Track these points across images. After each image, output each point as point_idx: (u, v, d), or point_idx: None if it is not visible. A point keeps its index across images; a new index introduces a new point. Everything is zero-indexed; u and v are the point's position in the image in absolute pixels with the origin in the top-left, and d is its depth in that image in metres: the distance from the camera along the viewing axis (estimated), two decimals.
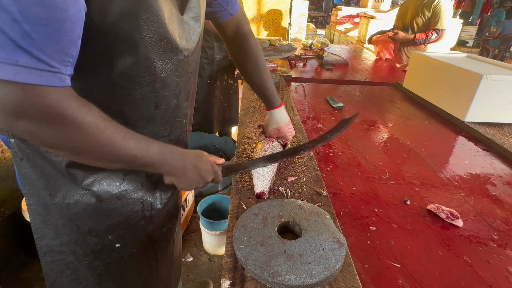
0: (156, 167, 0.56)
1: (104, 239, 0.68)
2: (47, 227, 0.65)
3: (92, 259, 0.69)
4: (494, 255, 0.69)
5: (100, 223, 0.66)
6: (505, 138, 1.25)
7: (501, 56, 6.63)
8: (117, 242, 0.70)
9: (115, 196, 0.65)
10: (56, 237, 0.66)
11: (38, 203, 0.63)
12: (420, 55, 1.72)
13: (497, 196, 0.91)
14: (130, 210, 0.68)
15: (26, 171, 0.60)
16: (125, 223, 0.69)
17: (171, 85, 0.62)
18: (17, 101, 0.39)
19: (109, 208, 0.65)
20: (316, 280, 0.52)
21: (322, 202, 0.75)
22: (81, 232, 0.66)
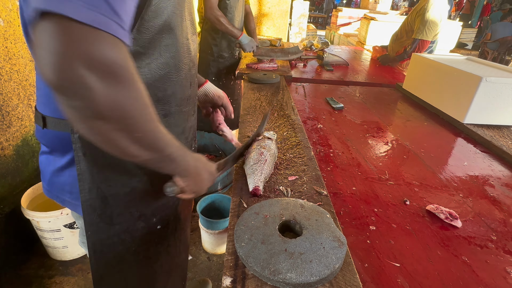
0: (178, 162, 0.55)
1: (150, 222, 0.73)
2: (102, 221, 0.66)
3: (138, 244, 0.74)
4: (493, 255, 0.70)
5: (149, 207, 0.71)
6: (504, 140, 1.26)
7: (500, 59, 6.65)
8: (159, 223, 0.76)
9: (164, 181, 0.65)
10: (108, 230, 0.68)
11: (96, 197, 0.63)
12: (420, 57, 1.73)
13: (495, 197, 0.92)
14: None
15: (86, 166, 0.60)
16: (166, 204, 0.76)
17: (195, 64, 0.72)
18: (94, 47, 0.36)
19: (158, 192, 0.67)
20: (316, 278, 0.52)
21: (322, 202, 0.75)
22: (132, 218, 0.70)
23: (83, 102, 0.38)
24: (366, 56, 2.94)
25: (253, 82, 1.71)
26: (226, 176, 2.21)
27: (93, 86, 0.37)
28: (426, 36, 2.31)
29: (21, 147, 1.74)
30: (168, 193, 0.61)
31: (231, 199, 0.75)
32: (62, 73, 0.35)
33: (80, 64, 0.36)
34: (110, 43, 0.38)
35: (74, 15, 0.35)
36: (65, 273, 1.62)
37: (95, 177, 0.62)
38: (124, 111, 0.41)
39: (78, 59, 0.35)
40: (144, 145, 0.47)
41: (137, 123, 0.44)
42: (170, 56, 0.60)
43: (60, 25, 0.35)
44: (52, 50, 0.35)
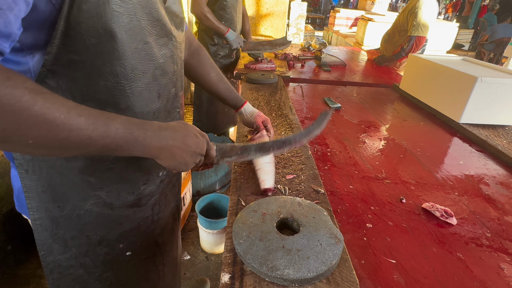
0: (126, 150, 0.46)
1: (115, 248, 0.66)
2: (55, 242, 0.61)
3: (102, 270, 0.67)
4: (487, 252, 0.71)
5: (111, 232, 0.64)
6: (499, 140, 1.27)
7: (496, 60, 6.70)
8: (128, 250, 0.68)
9: (128, 205, 0.63)
10: (64, 251, 0.62)
11: (45, 217, 0.58)
12: (417, 57, 1.75)
13: (490, 195, 0.93)
14: (141, 217, 0.67)
15: (31, 184, 0.55)
16: (136, 229, 0.67)
17: (169, 72, 0.61)
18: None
19: (121, 216, 0.63)
20: (313, 274, 0.53)
21: (319, 200, 0.76)
22: (92, 243, 0.63)
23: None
24: (363, 57, 2.96)
25: (251, 82, 1.72)
26: (224, 176, 2.21)
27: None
28: (422, 33, 2.34)
29: None
30: None
31: (230, 197, 0.76)
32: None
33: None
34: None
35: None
36: None
37: (41, 196, 0.56)
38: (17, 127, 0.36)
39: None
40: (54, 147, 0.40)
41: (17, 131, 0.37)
42: (119, 64, 0.50)
43: None
44: None
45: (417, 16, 2.31)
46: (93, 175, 0.57)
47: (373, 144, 1.22)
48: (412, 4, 2.39)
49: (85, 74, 0.48)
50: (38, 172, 0.54)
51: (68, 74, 0.47)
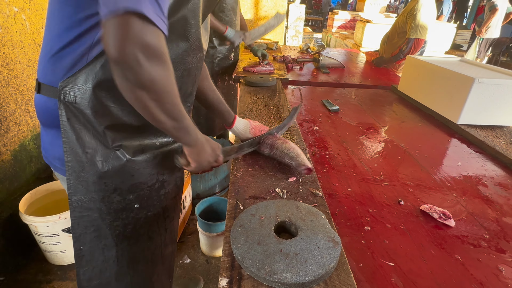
0: (189, 133, 0.67)
1: (126, 198, 0.76)
2: (80, 183, 0.71)
3: (113, 218, 0.77)
4: (485, 253, 0.71)
5: (124, 182, 0.74)
6: (497, 140, 1.27)
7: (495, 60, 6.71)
8: (136, 202, 0.78)
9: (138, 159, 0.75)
10: (86, 193, 0.72)
11: (75, 160, 0.69)
12: (415, 59, 1.75)
13: (488, 196, 0.94)
14: (148, 173, 0.78)
15: (68, 131, 0.67)
16: (144, 183, 0.78)
17: (192, 75, 0.78)
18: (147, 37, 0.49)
19: (133, 168, 0.74)
20: (311, 278, 0.53)
21: (317, 203, 0.76)
22: (108, 190, 0.73)
23: (133, 73, 0.51)
24: (362, 59, 2.97)
25: (250, 85, 1.73)
26: (224, 179, 2.22)
27: (142, 63, 0.50)
28: (421, 35, 2.35)
29: (19, 152, 1.75)
30: (176, 163, 0.76)
31: (228, 201, 0.76)
32: (123, 51, 0.48)
33: (136, 46, 0.48)
34: (158, 34, 0.51)
35: (146, 12, 0.47)
36: (63, 277, 1.61)
37: (74, 142, 0.68)
38: (160, 85, 0.54)
39: (136, 43, 0.48)
40: (170, 115, 0.59)
41: (168, 96, 0.56)
42: None
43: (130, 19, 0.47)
44: (120, 34, 0.47)
45: (415, 18, 2.32)
46: (114, 132, 0.70)
47: (371, 146, 1.22)
48: (411, 6, 2.40)
49: None
50: (77, 121, 0.66)
51: None
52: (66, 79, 0.62)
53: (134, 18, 0.47)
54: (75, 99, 0.64)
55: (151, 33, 0.49)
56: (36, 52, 1.83)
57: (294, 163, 0.87)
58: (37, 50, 1.84)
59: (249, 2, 3.82)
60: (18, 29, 1.68)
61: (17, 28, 1.67)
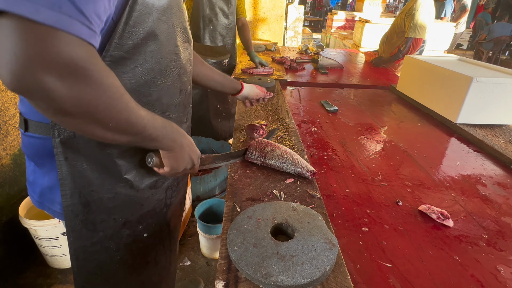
0: (159, 141, 0.58)
1: (136, 229, 0.73)
2: (84, 227, 0.66)
3: (123, 253, 0.73)
4: (483, 254, 0.71)
5: (134, 213, 0.71)
6: (496, 139, 1.27)
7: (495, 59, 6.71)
8: (145, 231, 0.75)
9: (149, 186, 0.71)
10: (91, 236, 0.68)
11: (78, 203, 0.63)
12: (413, 58, 1.75)
13: (487, 196, 0.93)
14: (157, 199, 0.75)
15: (68, 171, 0.60)
16: (153, 211, 0.75)
17: (187, 72, 0.72)
18: (53, 48, 0.36)
19: (143, 198, 0.71)
20: (308, 280, 0.53)
21: (315, 204, 0.76)
22: (117, 225, 0.69)
23: (45, 102, 0.39)
24: (361, 59, 2.97)
25: None
26: (223, 181, 2.21)
27: (52, 88, 0.38)
28: (419, 34, 2.35)
29: (19, 156, 1.75)
30: (148, 162, 0.65)
31: (225, 203, 0.76)
32: (19, 77, 0.35)
33: (38, 67, 0.35)
34: (69, 43, 0.38)
35: (32, 15, 0.34)
36: (63, 281, 1.61)
37: (76, 182, 0.61)
38: (89, 106, 0.42)
39: (35, 62, 0.35)
40: (120, 131, 0.50)
41: (107, 115, 0.45)
42: (155, 62, 0.60)
43: (17, 26, 0.34)
44: (9, 52, 0.34)
45: (414, 17, 2.32)
46: (124, 159, 0.64)
47: (370, 146, 1.22)
48: (409, 6, 2.40)
49: (130, 69, 0.57)
50: (77, 159, 0.60)
51: (118, 69, 0.55)
52: None
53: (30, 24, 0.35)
54: (73, 134, 0.57)
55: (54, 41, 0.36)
56: None
57: (295, 170, 0.86)
58: None
59: (248, 3, 3.83)
60: None
61: None
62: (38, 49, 0.35)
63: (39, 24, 0.35)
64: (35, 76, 0.36)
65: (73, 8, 0.38)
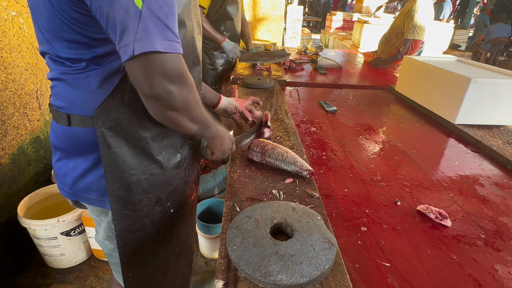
0: (211, 129, 0.74)
1: (165, 206, 0.81)
2: (126, 208, 0.73)
3: (156, 228, 0.81)
4: (481, 253, 0.71)
5: (164, 191, 0.79)
6: (494, 140, 1.28)
7: (493, 60, 6.73)
8: (172, 207, 0.83)
9: (174, 166, 0.79)
10: (132, 216, 0.74)
11: (120, 187, 0.70)
12: (412, 59, 1.76)
13: (485, 196, 0.94)
14: (180, 177, 0.83)
15: (111, 157, 0.66)
16: (177, 189, 0.83)
17: (200, 62, 0.80)
18: (169, 67, 0.53)
19: (170, 177, 0.79)
20: (307, 279, 0.53)
21: (314, 204, 0.76)
22: (151, 204, 0.77)
23: (167, 102, 0.57)
24: (360, 59, 2.97)
25: (248, 87, 1.73)
26: (222, 181, 2.22)
27: (172, 91, 0.56)
28: (418, 36, 2.36)
29: (17, 156, 1.75)
30: (203, 155, 0.88)
31: (225, 203, 0.76)
32: (152, 86, 0.54)
33: (163, 80, 0.54)
34: (175, 59, 0.55)
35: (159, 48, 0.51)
36: (62, 281, 1.61)
37: (119, 167, 0.68)
38: (188, 103, 0.61)
39: (159, 75, 0.53)
40: (198, 121, 0.67)
41: (194, 109, 0.64)
42: None
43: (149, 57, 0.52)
44: (147, 74, 0.53)
45: (413, 19, 2.33)
46: (156, 142, 0.72)
47: (368, 146, 1.22)
48: (408, 7, 2.40)
49: None
50: (120, 146, 0.67)
51: None
52: (101, 105, 0.61)
53: (151, 56, 0.52)
54: (115, 122, 0.64)
55: (169, 60, 0.53)
56: (34, 56, 1.83)
57: (294, 169, 0.87)
58: (35, 53, 1.84)
59: (248, 3, 3.83)
60: (15, 33, 1.68)
61: (14, 32, 1.67)
62: (162, 69, 0.53)
63: (159, 53, 0.52)
64: (163, 86, 0.55)
65: (171, 33, 0.54)
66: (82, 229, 1.65)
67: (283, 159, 0.89)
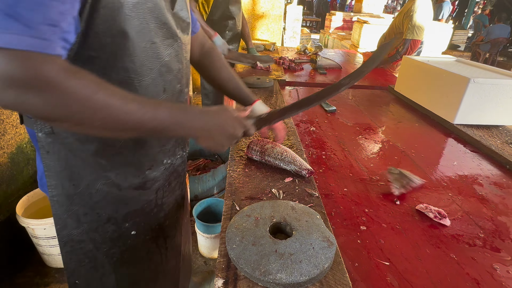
0: (172, 131, 0.55)
1: (121, 226, 0.73)
2: (69, 217, 0.68)
3: (109, 246, 0.74)
4: (480, 252, 0.72)
5: (118, 211, 0.71)
6: (493, 140, 1.28)
7: (492, 60, 6.75)
8: (133, 229, 0.75)
9: (134, 187, 0.71)
10: (77, 226, 0.69)
11: (61, 194, 0.65)
12: (411, 59, 1.76)
13: (484, 196, 0.94)
14: (146, 199, 0.74)
15: (51, 164, 0.63)
16: (140, 211, 0.74)
17: (174, 69, 0.68)
18: (7, 68, 0.38)
19: (127, 197, 0.70)
20: (306, 278, 0.53)
21: (313, 203, 0.77)
22: (101, 220, 0.70)
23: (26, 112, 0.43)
24: (359, 59, 2.98)
25: (247, 87, 1.73)
26: (222, 180, 2.22)
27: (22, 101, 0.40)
28: (417, 36, 2.36)
29: (16, 155, 1.74)
30: None
31: (224, 202, 0.76)
32: None
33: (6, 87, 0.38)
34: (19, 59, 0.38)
35: None
36: (61, 280, 1.61)
37: (59, 175, 0.64)
38: (64, 112, 0.43)
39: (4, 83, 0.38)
40: (115, 128, 0.49)
41: (86, 115, 0.45)
42: (129, 61, 0.58)
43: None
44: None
45: (412, 19, 2.33)
46: (104, 158, 0.64)
47: (368, 146, 1.22)
48: (407, 7, 2.41)
49: (100, 68, 0.55)
50: (57, 153, 0.62)
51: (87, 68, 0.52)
52: None
53: None
54: (51, 129, 0.59)
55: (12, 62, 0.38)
56: None
57: (293, 168, 0.87)
58: None
59: (248, 3, 3.83)
60: None
61: None
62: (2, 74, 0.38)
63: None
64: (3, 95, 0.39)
65: (20, 25, 0.38)
66: None
67: (282, 158, 0.88)
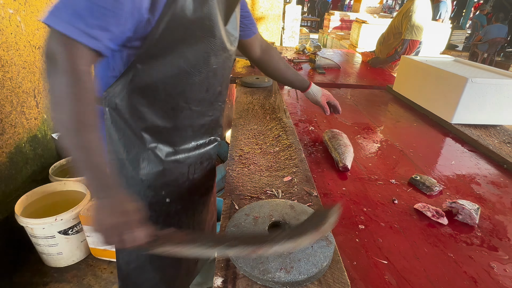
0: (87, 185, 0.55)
1: (158, 193, 0.85)
2: (120, 178, 0.81)
3: (148, 209, 0.85)
4: (477, 251, 0.72)
5: (157, 179, 0.83)
6: (490, 139, 1.29)
7: (490, 60, 6.77)
8: (168, 197, 0.87)
9: (171, 161, 0.83)
10: (125, 188, 0.80)
11: (116, 158, 0.78)
12: (409, 59, 1.77)
13: (481, 195, 0.95)
14: (179, 172, 0.87)
15: (112, 133, 0.76)
16: (175, 181, 0.87)
17: (218, 75, 0.81)
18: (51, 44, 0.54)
19: (165, 168, 0.83)
20: (304, 277, 0.54)
21: (312, 202, 0.77)
22: (143, 185, 0.82)
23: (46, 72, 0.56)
24: (358, 59, 2.98)
25: (246, 86, 1.73)
26: (221, 180, 2.22)
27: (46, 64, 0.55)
28: (416, 36, 2.36)
29: (14, 154, 1.74)
30: None
31: (223, 201, 0.77)
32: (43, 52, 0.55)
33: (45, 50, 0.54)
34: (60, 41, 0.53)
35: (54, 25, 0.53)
36: (60, 279, 1.61)
37: (117, 142, 0.77)
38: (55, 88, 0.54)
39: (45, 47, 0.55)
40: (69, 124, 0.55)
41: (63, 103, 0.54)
42: (183, 62, 0.71)
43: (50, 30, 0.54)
44: None
45: (411, 19, 2.34)
46: (148, 133, 0.78)
47: (366, 145, 1.23)
48: (406, 8, 2.41)
49: (160, 64, 0.69)
50: (118, 125, 0.75)
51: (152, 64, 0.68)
52: (108, 89, 0.71)
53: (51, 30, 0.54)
54: (115, 105, 0.73)
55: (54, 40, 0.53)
56: (31, 54, 1.83)
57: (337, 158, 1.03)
58: (32, 52, 1.83)
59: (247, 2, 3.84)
60: (13, 31, 1.67)
61: (12, 30, 1.66)
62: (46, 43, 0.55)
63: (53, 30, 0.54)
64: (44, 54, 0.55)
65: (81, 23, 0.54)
66: (80, 228, 1.64)
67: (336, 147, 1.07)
